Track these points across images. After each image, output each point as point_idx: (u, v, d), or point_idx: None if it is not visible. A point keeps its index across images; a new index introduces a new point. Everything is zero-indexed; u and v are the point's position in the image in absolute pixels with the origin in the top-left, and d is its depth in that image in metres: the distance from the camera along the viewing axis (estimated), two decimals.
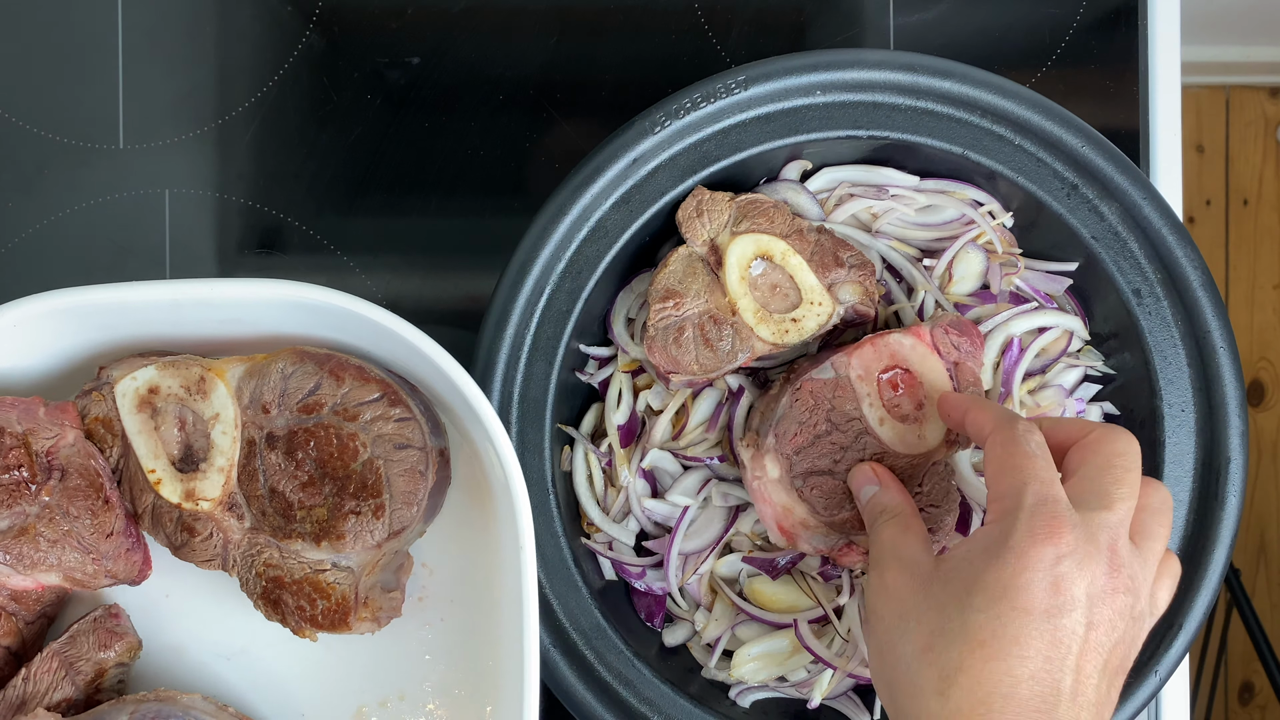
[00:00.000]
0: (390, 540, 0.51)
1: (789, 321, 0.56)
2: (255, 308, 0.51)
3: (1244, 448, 0.56)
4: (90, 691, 0.53)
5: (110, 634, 0.53)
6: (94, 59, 0.67)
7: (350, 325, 0.52)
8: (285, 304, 0.51)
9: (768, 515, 0.55)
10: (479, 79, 0.68)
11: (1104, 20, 0.68)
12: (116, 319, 0.52)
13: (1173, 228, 0.57)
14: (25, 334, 0.51)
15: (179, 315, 0.52)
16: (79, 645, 0.53)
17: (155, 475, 0.52)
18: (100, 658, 0.53)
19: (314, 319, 0.52)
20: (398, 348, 0.52)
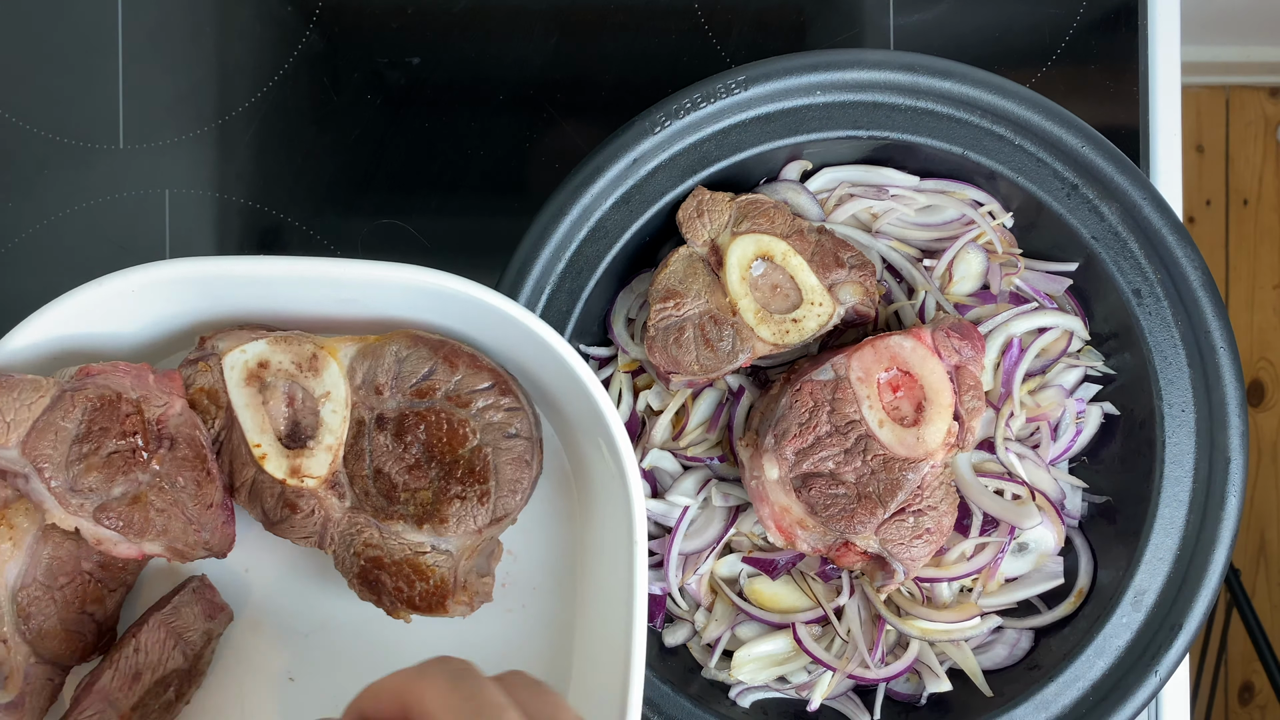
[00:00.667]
0: (491, 526, 0.51)
1: (789, 322, 0.56)
2: (376, 289, 0.51)
3: (1244, 448, 0.56)
4: (195, 660, 0.53)
5: (211, 604, 0.54)
6: (94, 59, 0.67)
7: (466, 312, 0.52)
8: (408, 289, 0.51)
9: (766, 515, 0.55)
10: (479, 79, 0.68)
11: (1104, 20, 0.68)
12: (229, 292, 0.52)
13: (1173, 228, 0.57)
14: (139, 301, 0.51)
15: (294, 292, 0.52)
16: (184, 616, 0.53)
17: (261, 450, 0.51)
18: (208, 626, 0.53)
19: (431, 304, 0.52)
20: (514, 337, 0.52)
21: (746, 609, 0.58)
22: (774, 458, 0.54)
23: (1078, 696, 0.56)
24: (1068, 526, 0.60)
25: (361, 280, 0.50)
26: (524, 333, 0.51)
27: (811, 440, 0.54)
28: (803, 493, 0.54)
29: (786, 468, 0.54)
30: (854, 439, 0.54)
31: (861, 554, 0.56)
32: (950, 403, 0.55)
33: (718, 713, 0.56)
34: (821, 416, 0.54)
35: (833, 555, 0.56)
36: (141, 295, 0.51)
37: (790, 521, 0.55)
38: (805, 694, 0.58)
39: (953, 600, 0.59)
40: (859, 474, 0.54)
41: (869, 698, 0.59)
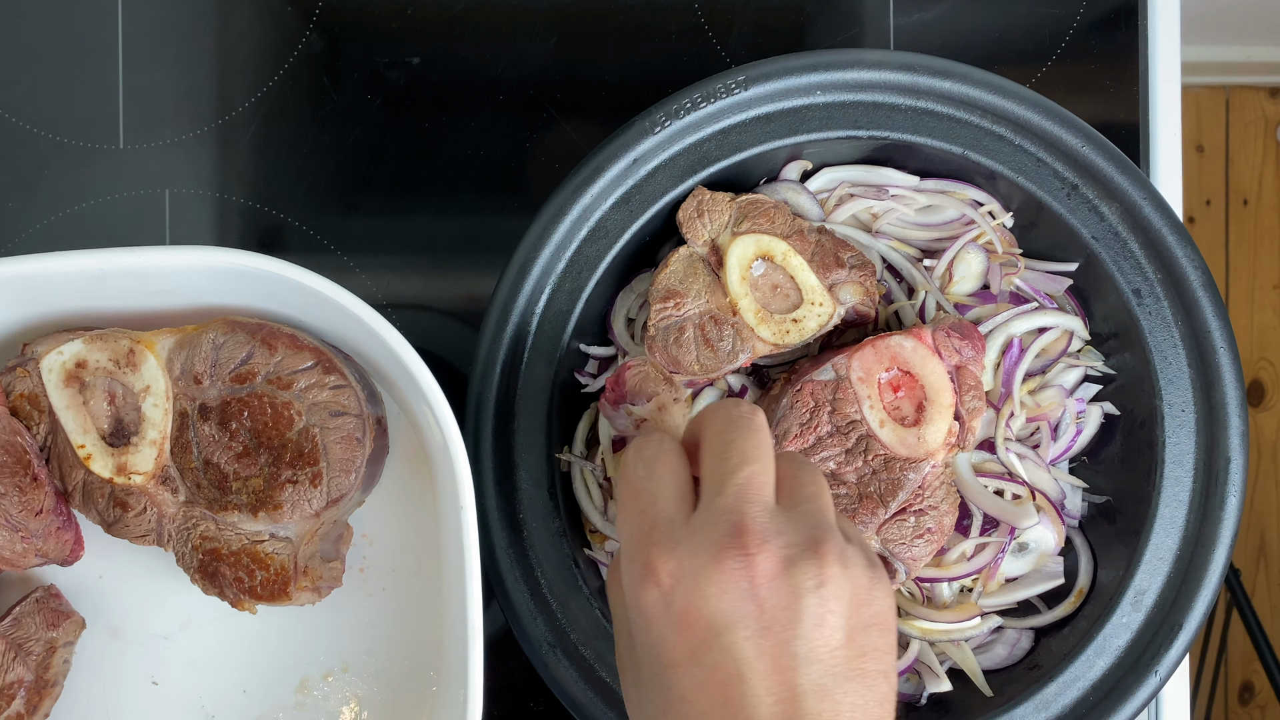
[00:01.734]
0: (329, 509, 0.50)
1: (790, 322, 0.56)
2: (183, 276, 0.50)
3: (1244, 448, 0.56)
4: (41, 671, 0.52)
5: (56, 613, 0.53)
6: (94, 59, 0.67)
7: (285, 294, 0.51)
8: (214, 272, 0.49)
9: None
10: (479, 79, 0.68)
11: (1104, 20, 0.68)
12: (41, 293, 0.51)
13: (1173, 228, 0.57)
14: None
15: (106, 287, 0.51)
16: (25, 626, 0.52)
17: (85, 450, 0.51)
18: (50, 636, 0.52)
19: (247, 288, 0.51)
20: (332, 315, 0.51)
21: None
22: None
23: (1078, 696, 0.56)
24: (1068, 526, 0.60)
25: (153, 267, 0.49)
26: (334, 306, 0.49)
27: (812, 440, 0.54)
28: None
29: None
30: (855, 439, 0.54)
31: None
32: (951, 402, 0.55)
33: None
34: (822, 417, 0.54)
35: None
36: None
37: None
38: None
39: (953, 600, 0.59)
40: (860, 474, 0.54)
41: None
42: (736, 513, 0.37)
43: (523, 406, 0.56)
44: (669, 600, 0.36)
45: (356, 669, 0.56)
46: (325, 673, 0.56)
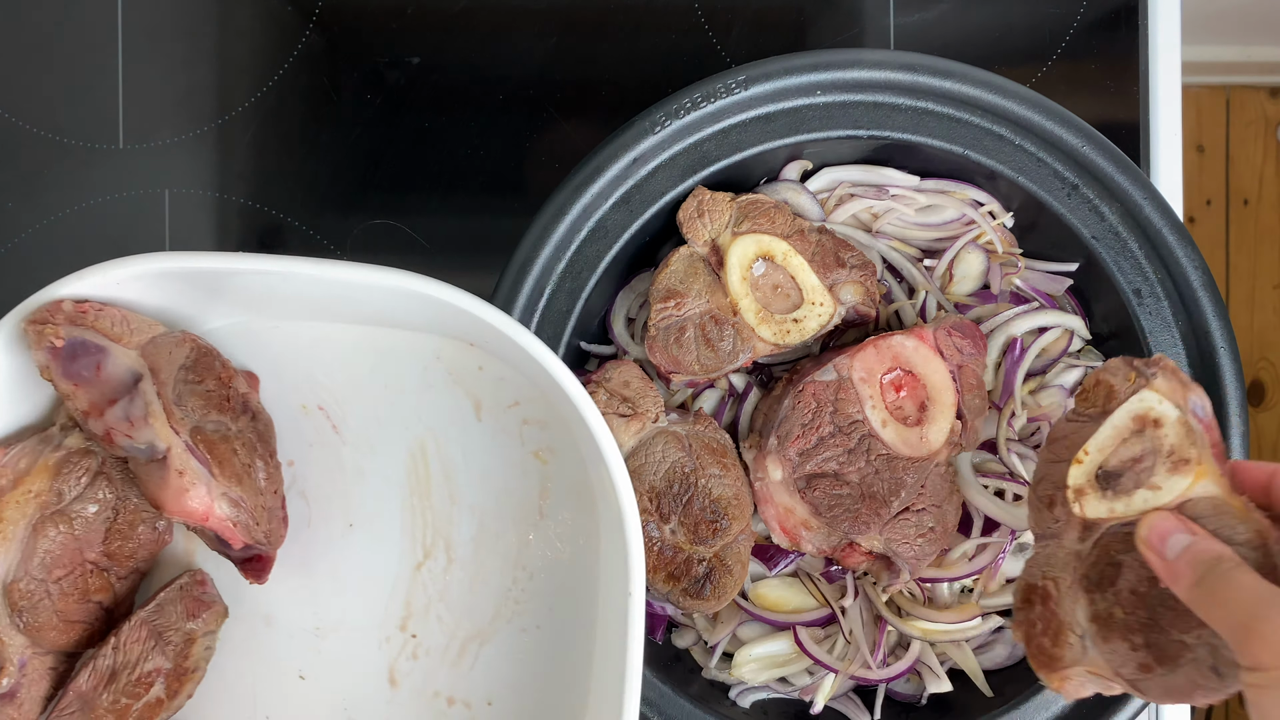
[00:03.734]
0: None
1: (790, 322, 0.56)
2: (368, 292, 0.49)
3: (1244, 448, 0.56)
4: (180, 659, 0.52)
5: (197, 602, 0.53)
6: (94, 59, 0.67)
7: (472, 328, 0.50)
8: (409, 295, 0.49)
9: (770, 517, 0.55)
10: (479, 79, 0.68)
11: (1104, 20, 0.68)
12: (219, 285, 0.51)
13: (1173, 228, 0.57)
14: (136, 289, 0.50)
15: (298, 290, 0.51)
16: (166, 614, 0.52)
17: None
18: (189, 627, 0.52)
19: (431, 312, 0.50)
20: (510, 352, 0.51)
21: (752, 610, 0.58)
22: (777, 459, 0.54)
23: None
24: None
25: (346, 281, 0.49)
26: (519, 351, 0.49)
27: (815, 441, 0.54)
28: (807, 494, 0.54)
29: (790, 469, 0.54)
30: (857, 439, 0.54)
31: (866, 554, 0.56)
32: (953, 401, 0.55)
33: (718, 713, 0.56)
34: (824, 417, 0.54)
35: (838, 556, 0.56)
36: (135, 285, 0.50)
37: (795, 523, 0.55)
38: (809, 697, 0.58)
39: (953, 601, 0.59)
40: (863, 474, 0.54)
41: (869, 698, 0.59)
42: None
43: None
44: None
45: (501, 705, 0.54)
46: (467, 701, 0.54)
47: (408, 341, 0.54)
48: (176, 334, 0.50)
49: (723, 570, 0.55)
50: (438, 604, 0.54)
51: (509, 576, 0.54)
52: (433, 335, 0.54)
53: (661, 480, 0.54)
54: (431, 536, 0.54)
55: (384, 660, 0.54)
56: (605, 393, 0.55)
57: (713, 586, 0.54)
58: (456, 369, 0.54)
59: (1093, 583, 0.44)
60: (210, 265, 0.48)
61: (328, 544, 0.55)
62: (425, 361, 0.54)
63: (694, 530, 0.54)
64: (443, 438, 0.54)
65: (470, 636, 0.54)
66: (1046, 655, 0.45)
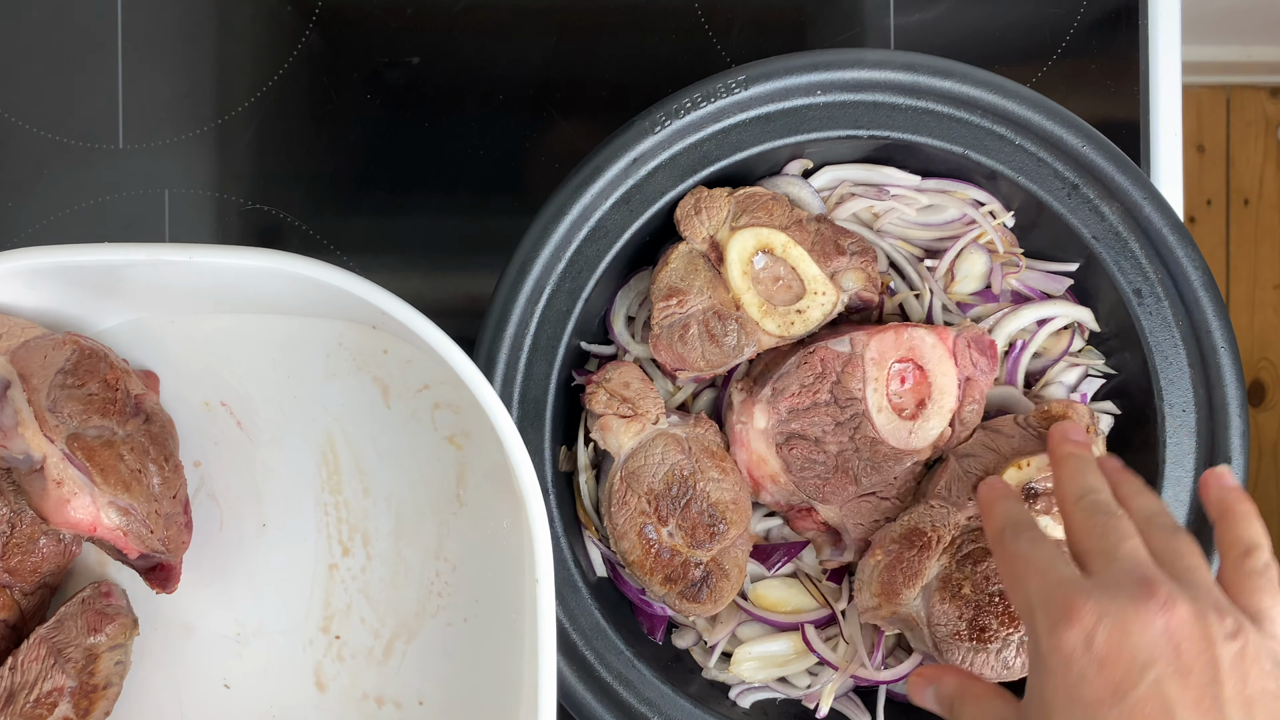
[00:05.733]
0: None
1: (794, 313, 0.56)
2: (251, 277, 0.48)
3: (1244, 448, 0.56)
4: (85, 677, 0.50)
5: (100, 615, 0.50)
6: (94, 59, 0.67)
7: (357, 309, 0.49)
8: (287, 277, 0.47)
9: (742, 459, 0.56)
10: (479, 79, 0.68)
11: (1104, 20, 0.68)
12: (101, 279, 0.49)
13: (1173, 227, 0.57)
14: (13, 289, 0.48)
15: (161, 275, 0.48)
16: (66, 630, 0.50)
17: None
18: (89, 642, 0.50)
19: (315, 296, 0.49)
20: (404, 332, 0.49)
21: (751, 611, 0.58)
22: (766, 408, 0.55)
23: None
24: None
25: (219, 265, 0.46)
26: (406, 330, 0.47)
27: (808, 404, 0.55)
28: (783, 449, 0.55)
29: (775, 421, 0.55)
30: (849, 415, 0.55)
31: (820, 524, 0.56)
32: (952, 408, 0.55)
33: (718, 713, 0.56)
34: (825, 384, 0.55)
35: (790, 516, 0.57)
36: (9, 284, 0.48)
37: (764, 473, 0.56)
38: (813, 704, 0.58)
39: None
40: (842, 447, 0.55)
41: (870, 699, 0.59)
42: (1139, 571, 0.40)
43: (522, 407, 0.56)
44: (1091, 638, 0.38)
45: (433, 703, 0.52)
46: (398, 701, 0.52)
47: (308, 329, 0.52)
48: (56, 336, 0.48)
49: (720, 574, 0.55)
50: (360, 602, 0.52)
51: (431, 569, 0.52)
52: (334, 320, 0.51)
53: (660, 483, 0.54)
54: (347, 532, 0.53)
55: (309, 664, 0.53)
56: (605, 393, 0.55)
57: (709, 590, 0.54)
58: (361, 354, 0.52)
59: (963, 555, 0.53)
60: (74, 259, 0.46)
61: (241, 546, 0.53)
62: (328, 348, 0.52)
63: (691, 533, 0.54)
64: (352, 427, 0.52)
65: (395, 634, 0.52)
66: (894, 589, 0.53)
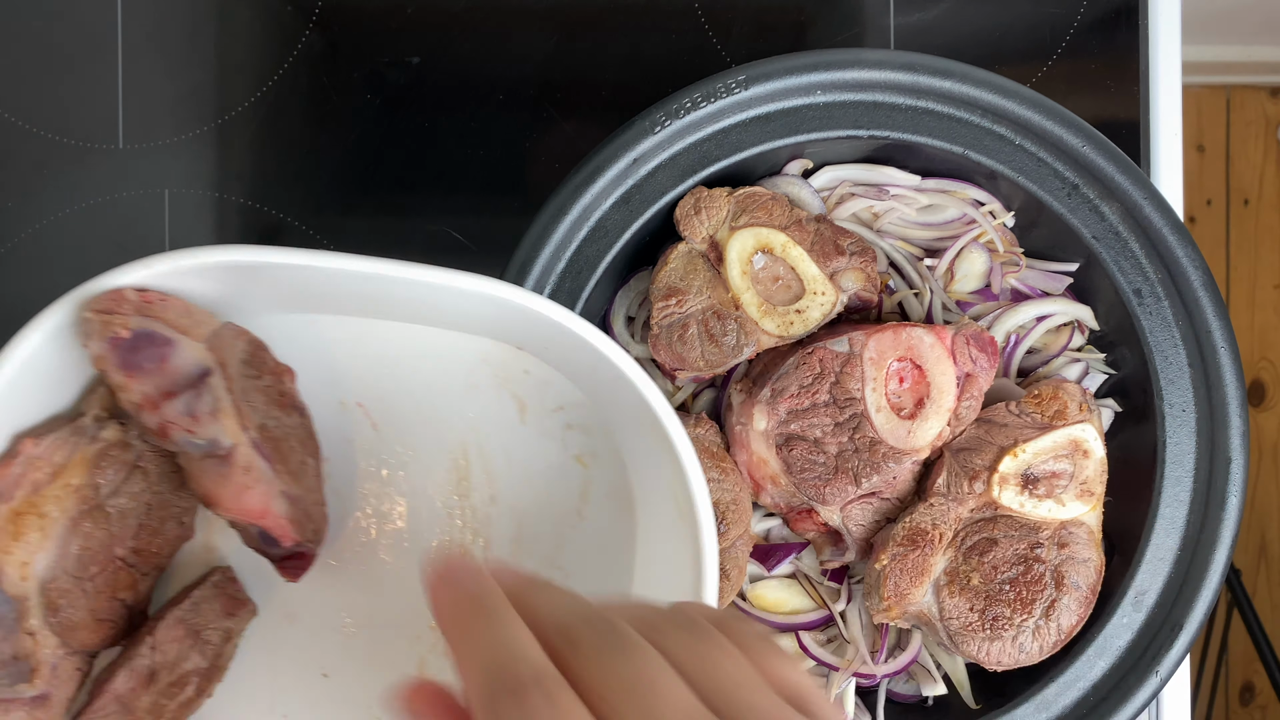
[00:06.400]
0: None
1: (794, 313, 0.56)
2: (431, 292, 0.48)
3: (1244, 448, 0.56)
4: (215, 658, 0.51)
5: (233, 600, 0.51)
6: (94, 59, 0.67)
7: (524, 325, 0.49)
8: (484, 299, 0.48)
9: (742, 461, 0.56)
10: (479, 79, 0.68)
11: (1104, 20, 0.68)
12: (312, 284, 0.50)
13: (1173, 227, 0.57)
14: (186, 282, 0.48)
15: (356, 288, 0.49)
16: (204, 613, 0.50)
17: None
18: (228, 625, 0.51)
19: (493, 314, 0.50)
20: (580, 356, 0.50)
21: (750, 612, 0.58)
22: (766, 409, 0.55)
23: (1078, 697, 0.56)
24: None
25: (428, 283, 0.47)
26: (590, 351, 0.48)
27: (807, 404, 0.55)
28: (783, 450, 0.55)
29: (775, 422, 0.55)
30: (848, 415, 0.55)
31: (821, 525, 0.56)
32: (951, 406, 0.55)
33: None
34: (824, 385, 0.55)
35: (790, 518, 0.57)
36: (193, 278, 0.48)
37: (764, 474, 0.56)
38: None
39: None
40: (842, 448, 0.55)
41: (870, 699, 0.59)
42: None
43: None
44: None
45: None
46: None
47: (455, 343, 0.53)
48: (234, 327, 0.49)
49: (719, 575, 0.55)
50: None
51: (545, 575, 0.53)
52: (481, 338, 0.53)
53: None
54: (470, 536, 0.53)
55: (414, 657, 0.53)
56: None
57: None
58: (503, 372, 0.53)
59: (968, 548, 0.54)
60: (282, 260, 0.46)
61: (361, 542, 0.53)
62: (471, 364, 0.53)
63: None
64: (486, 439, 0.53)
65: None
66: (902, 590, 0.53)
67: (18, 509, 0.47)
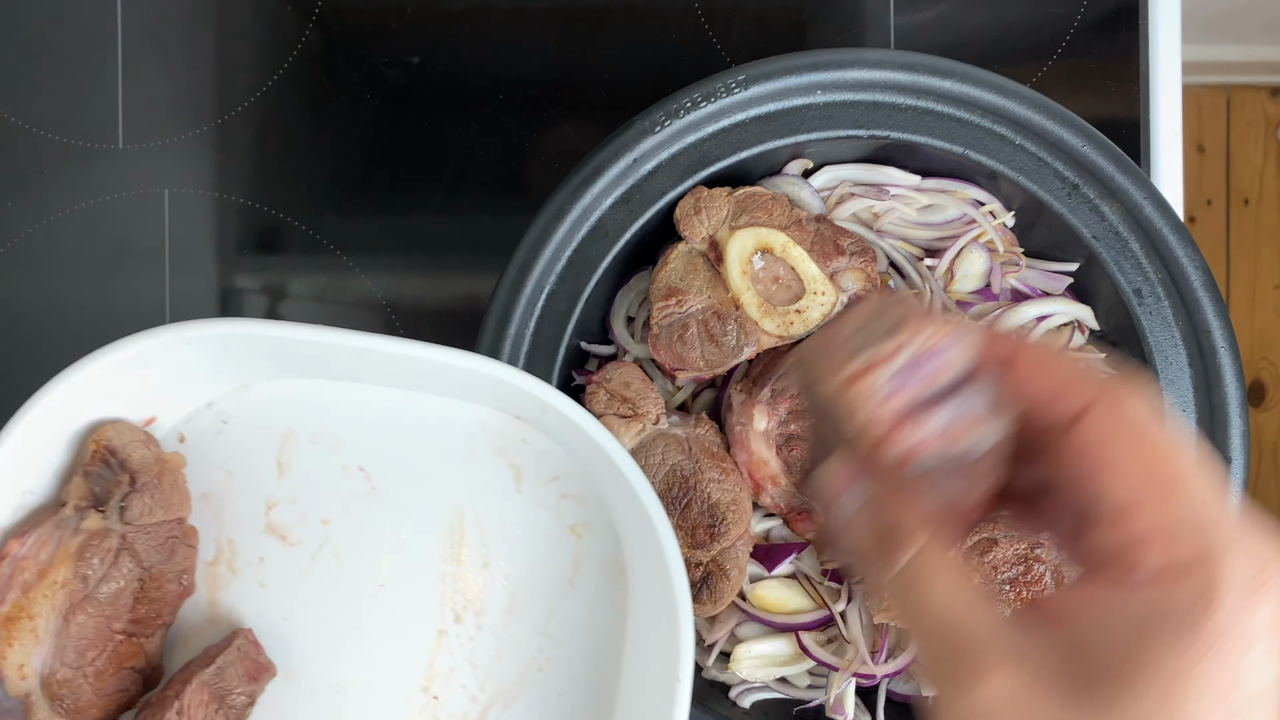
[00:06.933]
0: None
1: (794, 313, 0.56)
2: (431, 367, 0.50)
3: (1244, 448, 0.56)
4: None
5: (257, 665, 0.52)
6: (94, 59, 0.67)
7: (523, 399, 0.51)
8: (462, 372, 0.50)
9: (742, 460, 0.56)
10: (479, 79, 0.68)
11: (1105, 20, 0.68)
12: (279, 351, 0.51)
13: (1173, 227, 0.57)
14: (194, 350, 0.50)
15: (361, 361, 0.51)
16: (228, 678, 0.51)
17: None
18: (251, 689, 0.52)
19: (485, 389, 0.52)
20: (565, 432, 0.52)
21: (750, 612, 0.58)
22: (766, 410, 0.55)
23: None
24: None
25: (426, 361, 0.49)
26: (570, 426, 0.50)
27: (808, 405, 0.55)
28: (783, 450, 0.55)
29: (775, 423, 0.55)
30: None
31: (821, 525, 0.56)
32: None
33: (717, 713, 0.56)
34: None
35: (790, 518, 0.57)
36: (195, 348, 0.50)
37: (764, 475, 0.56)
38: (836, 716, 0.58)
39: None
40: None
41: (870, 699, 0.59)
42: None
43: None
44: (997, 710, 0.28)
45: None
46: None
47: (454, 410, 0.54)
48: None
49: (720, 575, 0.55)
50: (463, 667, 0.54)
51: (535, 645, 0.55)
52: (480, 405, 0.54)
53: (661, 483, 0.54)
54: (462, 602, 0.55)
55: (408, 716, 0.54)
56: (606, 393, 0.55)
57: (709, 591, 0.54)
58: (500, 440, 0.55)
59: (969, 547, 0.53)
60: (280, 334, 0.48)
61: (357, 602, 0.55)
62: (470, 431, 0.55)
63: (692, 534, 0.54)
64: (481, 506, 0.55)
65: (492, 700, 0.54)
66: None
67: (9, 614, 0.48)
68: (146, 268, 0.67)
